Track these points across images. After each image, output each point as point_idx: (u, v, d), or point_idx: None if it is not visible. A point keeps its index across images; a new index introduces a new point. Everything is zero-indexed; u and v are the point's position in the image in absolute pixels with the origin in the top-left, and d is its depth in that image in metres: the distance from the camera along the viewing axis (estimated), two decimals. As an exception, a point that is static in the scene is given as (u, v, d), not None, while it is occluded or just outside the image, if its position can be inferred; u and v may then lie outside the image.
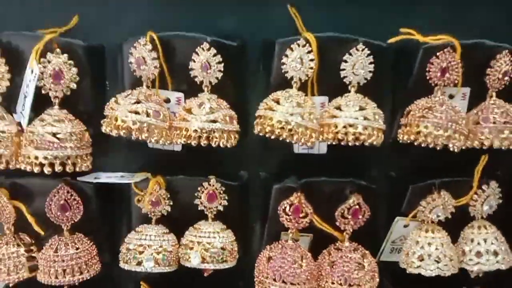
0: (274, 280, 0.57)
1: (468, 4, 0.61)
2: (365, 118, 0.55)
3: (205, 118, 0.54)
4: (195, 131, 0.54)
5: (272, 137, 0.55)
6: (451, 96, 0.60)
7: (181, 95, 0.59)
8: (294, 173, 0.63)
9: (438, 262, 0.59)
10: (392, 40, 0.57)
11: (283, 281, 0.57)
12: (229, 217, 0.62)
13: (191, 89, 0.58)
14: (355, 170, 0.64)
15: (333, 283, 0.59)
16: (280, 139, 0.55)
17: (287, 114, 0.54)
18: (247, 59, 0.62)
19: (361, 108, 0.56)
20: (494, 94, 0.59)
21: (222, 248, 0.58)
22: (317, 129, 0.56)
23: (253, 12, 0.62)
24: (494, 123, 0.57)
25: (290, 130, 0.54)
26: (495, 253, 0.60)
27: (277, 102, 0.55)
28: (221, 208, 0.60)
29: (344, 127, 0.55)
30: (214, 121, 0.54)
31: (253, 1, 0.62)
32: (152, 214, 0.60)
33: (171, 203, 0.60)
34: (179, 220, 0.62)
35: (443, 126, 0.55)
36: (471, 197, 0.61)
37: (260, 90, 0.61)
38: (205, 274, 0.60)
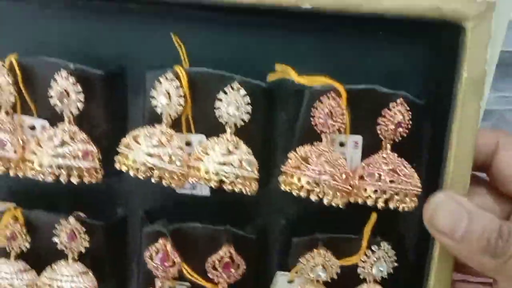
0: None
1: (366, 48, 0.55)
2: (229, 164, 0.50)
3: (53, 153, 0.50)
4: (40, 165, 0.50)
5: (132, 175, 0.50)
6: (342, 144, 0.55)
7: (45, 122, 0.55)
8: (175, 215, 0.58)
9: (315, 328, 0.53)
10: (270, 77, 0.51)
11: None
12: (98, 259, 0.58)
13: (58, 116, 0.54)
14: (242, 216, 0.59)
15: None
16: (139, 177, 0.50)
17: (143, 154, 0.49)
18: (126, 89, 0.57)
19: (228, 153, 0.51)
20: (389, 145, 0.53)
21: (74, 294, 0.53)
22: (179, 171, 0.51)
23: (138, 41, 0.57)
24: (378, 180, 0.51)
25: (146, 171, 0.50)
26: (380, 325, 0.54)
27: (136, 140, 0.51)
28: (82, 249, 0.56)
29: (207, 172, 0.50)
30: (64, 156, 0.50)
31: (138, 29, 0.57)
32: (11, 249, 0.56)
33: (28, 239, 0.56)
34: (43, 258, 0.57)
35: (315, 181, 0.49)
36: (359, 258, 0.55)
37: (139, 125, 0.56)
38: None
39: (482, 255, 0.47)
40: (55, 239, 0.55)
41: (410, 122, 0.52)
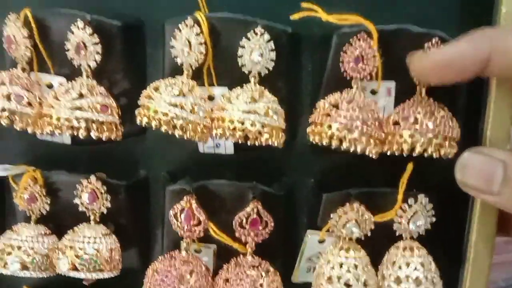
0: (156, 295, 0.50)
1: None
2: (255, 113, 0.47)
3: (70, 105, 0.48)
4: (58, 119, 0.47)
5: (153, 128, 0.48)
6: (373, 92, 0.52)
7: (63, 79, 0.53)
8: (198, 175, 0.55)
9: (348, 286, 0.50)
10: (295, 16, 0.48)
11: (164, 297, 0.50)
12: (120, 220, 0.56)
13: (76, 73, 0.52)
14: (268, 175, 0.56)
15: (222, 302, 0.51)
16: (163, 131, 0.48)
17: (165, 103, 0.47)
18: (145, 42, 0.55)
19: (254, 101, 0.48)
20: (423, 90, 0.50)
21: (97, 256, 0.51)
22: (203, 123, 0.48)
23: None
24: (415, 124, 0.47)
25: (168, 122, 0.47)
26: (417, 281, 0.50)
27: (157, 91, 0.48)
28: (104, 209, 0.54)
29: (231, 121, 0.47)
30: (81, 109, 0.48)
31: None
32: (31, 212, 0.54)
33: (48, 201, 0.54)
34: (65, 221, 0.56)
35: (347, 127, 0.46)
36: (395, 213, 0.52)
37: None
38: (84, 283, 0.54)
39: None
40: (76, 200, 0.53)
41: (447, 64, 0.48)
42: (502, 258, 1.00)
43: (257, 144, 0.48)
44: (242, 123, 0.47)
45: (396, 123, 0.48)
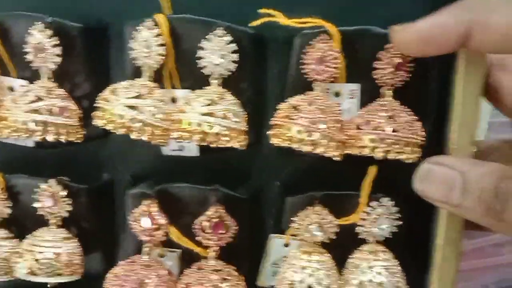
0: (114, 299, 0.50)
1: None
2: (214, 115, 0.46)
3: (27, 108, 0.47)
4: (14, 121, 0.47)
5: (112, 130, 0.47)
6: (337, 94, 0.51)
7: (25, 82, 0.52)
8: (163, 179, 0.55)
9: (310, 290, 0.49)
10: (254, 23, 0.48)
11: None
12: (83, 225, 0.55)
13: (37, 76, 0.51)
14: (234, 178, 0.55)
15: (182, 307, 0.51)
16: (117, 133, 0.47)
17: (121, 106, 0.46)
18: (109, 45, 0.54)
19: (213, 103, 0.47)
20: (388, 92, 0.49)
21: (56, 260, 0.50)
22: (161, 126, 0.47)
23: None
24: (376, 128, 0.46)
25: (126, 125, 0.47)
26: (381, 286, 0.49)
27: (115, 93, 0.48)
28: (65, 213, 0.53)
29: (189, 124, 0.47)
30: (37, 112, 0.47)
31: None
32: (-9, 216, 0.54)
33: (9, 205, 0.53)
34: (28, 225, 0.55)
35: (307, 129, 0.46)
36: (358, 216, 0.51)
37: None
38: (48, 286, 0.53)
39: (485, 218, 0.41)
40: (36, 204, 0.52)
41: (411, 65, 0.48)
42: (492, 262, 0.99)
43: (218, 147, 0.47)
44: (200, 125, 0.46)
45: (358, 126, 0.47)
